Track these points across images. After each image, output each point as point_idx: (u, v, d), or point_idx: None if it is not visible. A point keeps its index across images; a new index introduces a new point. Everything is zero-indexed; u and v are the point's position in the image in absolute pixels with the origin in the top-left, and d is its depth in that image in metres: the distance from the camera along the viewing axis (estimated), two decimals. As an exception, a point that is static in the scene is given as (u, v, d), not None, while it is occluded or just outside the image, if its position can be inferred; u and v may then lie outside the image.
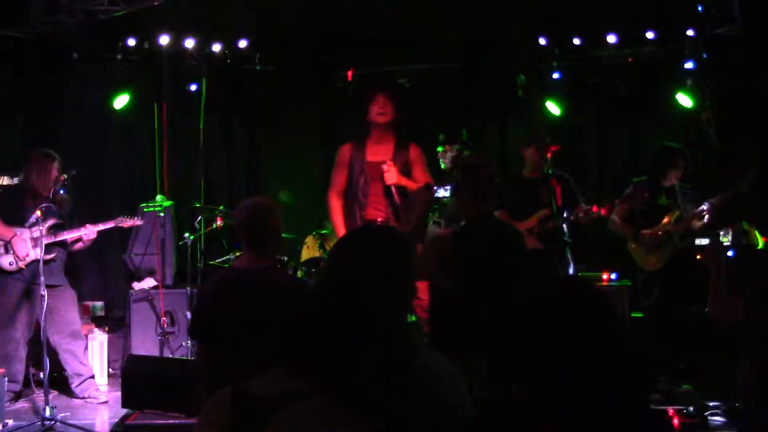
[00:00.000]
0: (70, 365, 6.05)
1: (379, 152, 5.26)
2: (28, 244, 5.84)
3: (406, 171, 5.23)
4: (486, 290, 3.60)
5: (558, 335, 1.63)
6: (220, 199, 7.78)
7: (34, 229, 5.84)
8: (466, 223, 3.91)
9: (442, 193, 6.68)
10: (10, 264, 5.83)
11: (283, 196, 7.66)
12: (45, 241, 5.69)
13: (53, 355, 5.88)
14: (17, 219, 5.91)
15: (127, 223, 6.18)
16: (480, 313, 3.50)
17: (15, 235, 5.82)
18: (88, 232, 5.96)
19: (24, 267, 5.84)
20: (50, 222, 5.80)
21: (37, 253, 5.76)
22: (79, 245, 6.06)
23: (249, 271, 3.48)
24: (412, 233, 5.21)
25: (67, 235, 5.93)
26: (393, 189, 5.18)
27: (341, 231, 5.20)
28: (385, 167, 5.13)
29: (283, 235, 6.94)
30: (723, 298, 3.44)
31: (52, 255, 5.87)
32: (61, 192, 5.96)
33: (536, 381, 1.63)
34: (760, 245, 5.77)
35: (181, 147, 8.17)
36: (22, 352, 5.92)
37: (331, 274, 1.92)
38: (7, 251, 5.82)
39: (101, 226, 6.04)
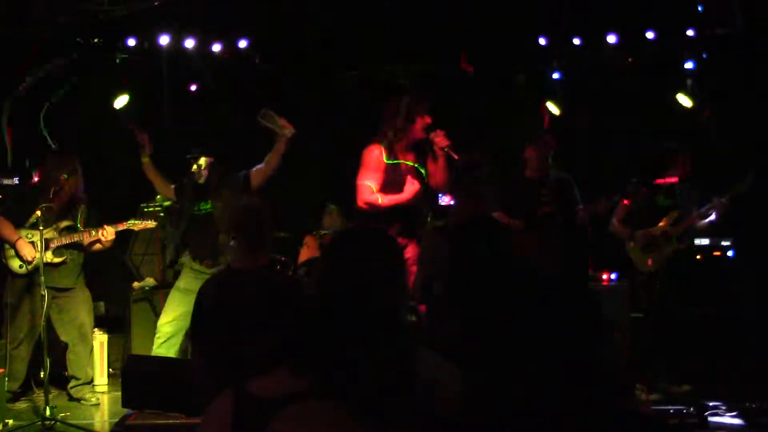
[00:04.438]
0: (72, 366, 6.06)
1: (408, 155, 5.22)
2: (37, 247, 5.84)
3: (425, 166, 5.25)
4: (482, 290, 3.60)
5: (536, 333, 1.62)
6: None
7: (45, 231, 5.84)
8: (462, 222, 3.91)
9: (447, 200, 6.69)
10: (20, 267, 5.84)
11: None
12: (55, 243, 5.74)
13: (53, 355, 5.88)
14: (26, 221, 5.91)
15: (139, 225, 6.16)
16: (476, 314, 3.50)
17: (20, 238, 5.81)
18: (107, 233, 5.92)
19: (31, 269, 5.84)
20: (62, 224, 5.83)
21: (45, 257, 5.77)
22: (98, 246, 6.04)
23: (245, 271, 3.51)
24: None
25: (81, 238, 5.92)
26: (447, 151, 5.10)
27: (405, 197, 5.14)
28: (432, 135, 5.07)
29: (282, 234, 7.02)
30: None
31: (63, 258, 5.87)
32: (81, 189, 5.97)
33: (513, 376, 1.63)
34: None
35: (181, 147, 8.17)
36: (24, 352, 5.93)
37: (332, 274, 1.92)
38: (17, 254, 5.83)
39: (120, 227, 6.01)
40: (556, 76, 7.75)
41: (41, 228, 5.44)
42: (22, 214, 5.86)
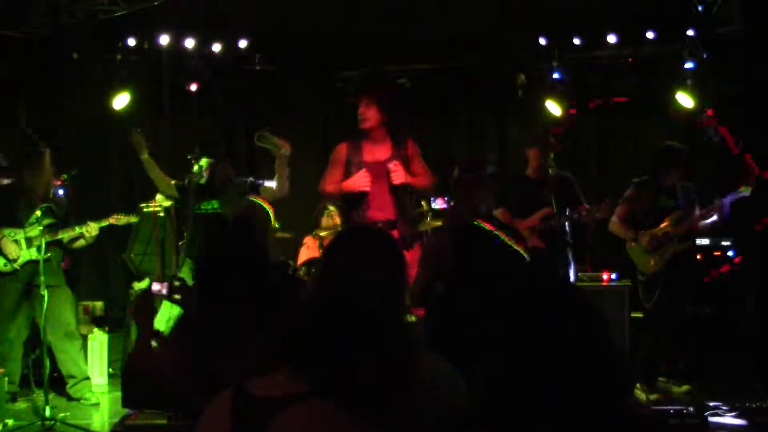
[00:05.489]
0: (65, 366, 6.02)
1: (377, 152, 5.24)
2: (22, 245, 5.83)
3: (404, 167, 5.20)
4: (485, 292, 3.60)
5: (537, 336, 1.62)
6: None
7: (29, 229, 5.84)
8: (465, 223, 3.91)
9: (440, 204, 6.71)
10: (4, 265, 5.83)
11: None
12: (39, 240, 5.71)
13: (53, 355, 5.88)
14: (10, 220, 5.90)
15: (122, 220, 6.15)
16: (478, 315, 3.49)
17: (3, 236, 5.80)
18: (90, 229, 5.94)
19: (18, 268, 5.84)
20: (45, 221, 5.81)
21: (31, 254, 5.77)
22: (81, 243, 6.04)
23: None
24: (412, 232, 5.23)
25: (64, 235, 5.91)
26: (399, 189, 5.17)
27: (348, 186, 5.19)
28: (391, 167, 5.11)
29: (284, 235, 7.02)
30: None
31: (47, 255, 5.84)
32: (60, 192, 5.94)
33: (512, 378, 1.63)
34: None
35: (181, 146, 8.17)
36: (16, 352, 5.92)
37: (330, 275, 1.92)
38: (1, 252, 5.82)
39: (103, 223, 6.02)
40: (556, 76, 7.75)
41: (41, 228, 5.45)
42: (6, 213, 5.87)
